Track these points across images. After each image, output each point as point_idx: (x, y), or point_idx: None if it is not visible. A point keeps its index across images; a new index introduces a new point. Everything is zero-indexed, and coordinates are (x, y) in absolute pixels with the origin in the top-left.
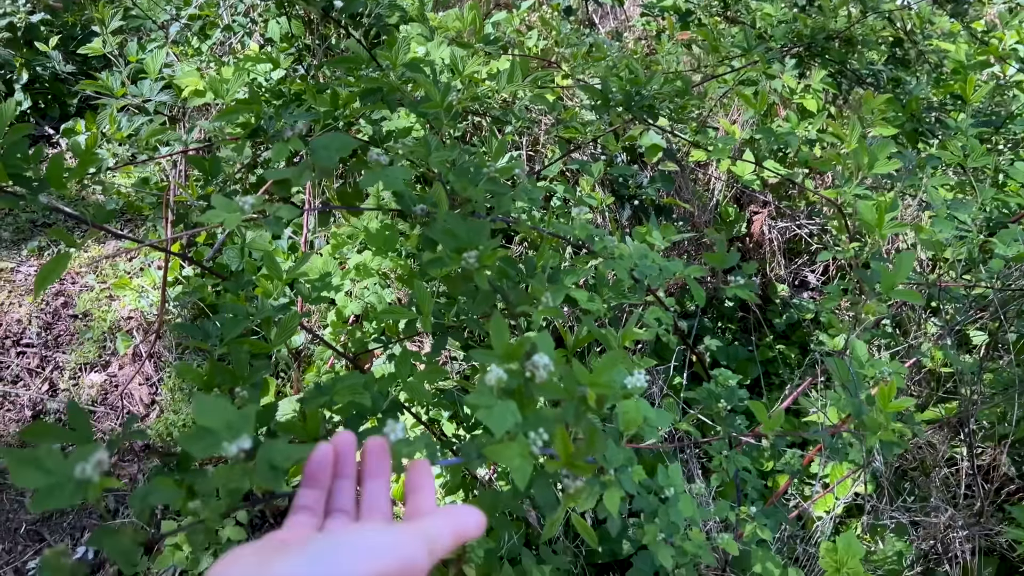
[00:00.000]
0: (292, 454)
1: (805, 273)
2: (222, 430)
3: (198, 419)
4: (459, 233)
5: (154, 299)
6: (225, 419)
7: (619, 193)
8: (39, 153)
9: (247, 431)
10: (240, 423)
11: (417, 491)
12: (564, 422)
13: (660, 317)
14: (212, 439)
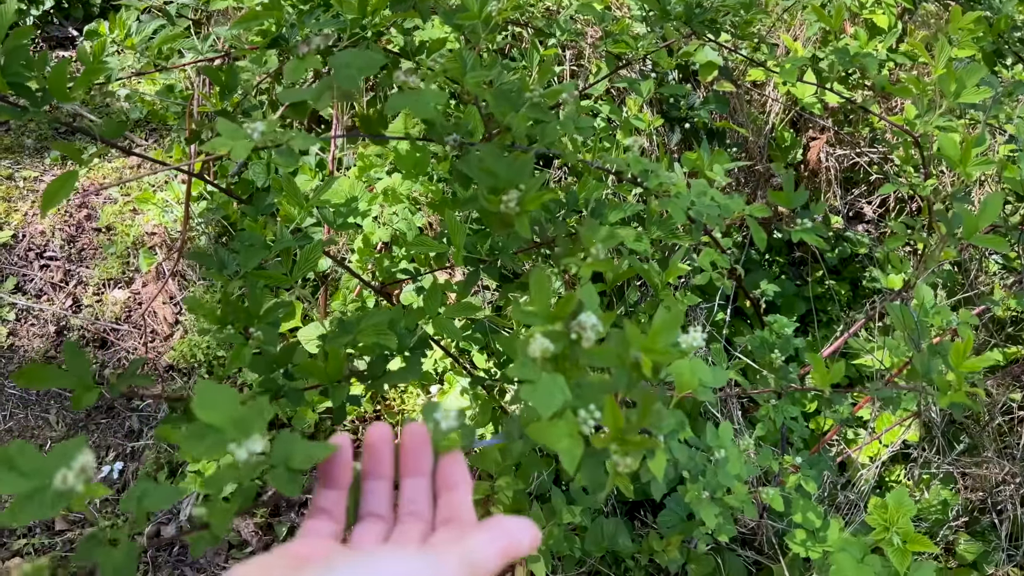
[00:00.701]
0: (314, 454)
1: (861, 205)
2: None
3: (198, 412)
4: (497, 170)
5: (178, 214)
6: (232, 414)
7: (669, 115)
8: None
9: (258, 429)
10: (251, 419)
11: (451, 489)
12: (614, 392)
13: (716, 260)
14: (215, 439)
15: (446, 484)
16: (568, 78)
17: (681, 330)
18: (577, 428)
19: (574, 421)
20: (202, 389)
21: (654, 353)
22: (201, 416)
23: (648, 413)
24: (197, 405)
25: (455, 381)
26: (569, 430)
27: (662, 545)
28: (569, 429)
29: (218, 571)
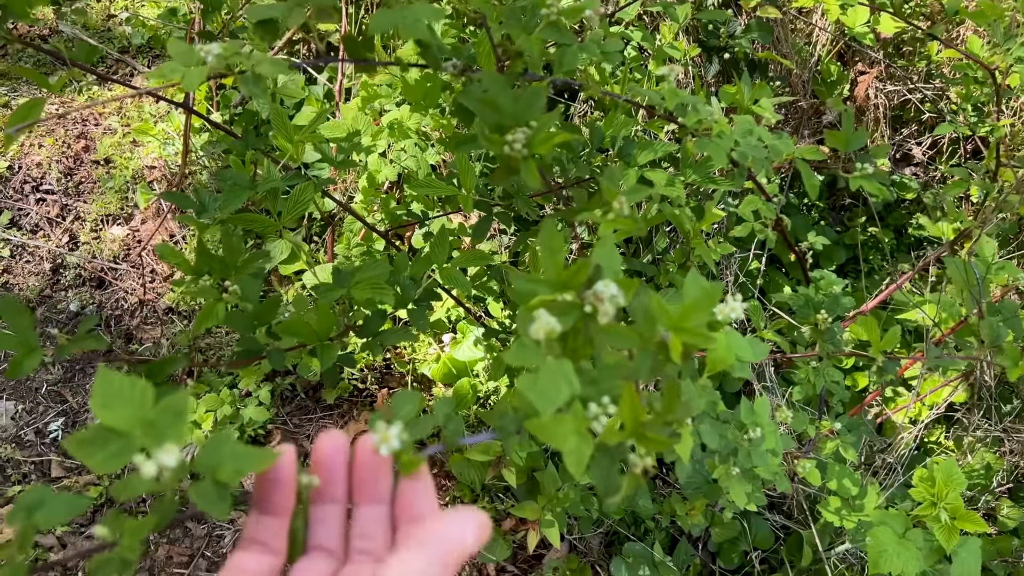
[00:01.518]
0: (247, 463)
1: (910, 146)
2: (135, 432)
3: (98, 411)
4: (503, 104)
5: (178, 148)
6: (140, 414)
7: (707, 44)
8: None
9: (174, 435)
10: (165, 422)
11: (413, 522)
12: (634, 379)
13: (760, 208)
14: (119, 446)
15: (408, 515)
16: None
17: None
18: (586, 424)
19: (583, 416)
20: (104, 380)
21: (686, 333)
22: (101, 416)
23: (676, 404)
24: (96, 402)
25: (468, 330)
26: (576, 426)
27: (685, 508)
28: (576, 425)
29: (219, 522)
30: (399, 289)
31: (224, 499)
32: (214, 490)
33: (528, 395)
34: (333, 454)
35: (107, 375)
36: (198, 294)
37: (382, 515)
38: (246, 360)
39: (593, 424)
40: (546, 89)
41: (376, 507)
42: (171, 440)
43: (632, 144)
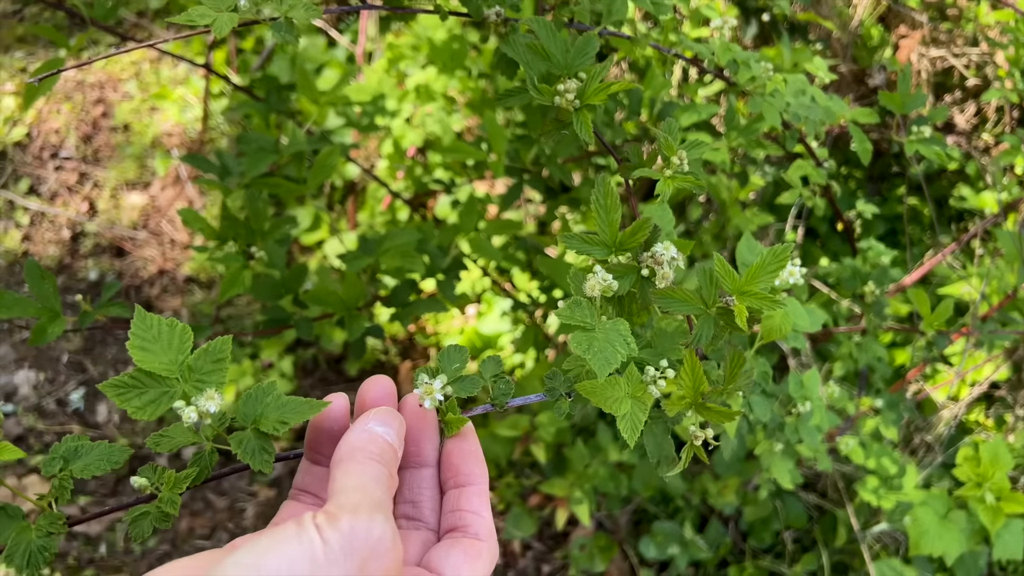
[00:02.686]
0: (291, 413)
1: (952, 114)
2: (174, 377)
3: (135, 355)
4: (552, 51)
5: (197, 113)
6: (179, 358)
7: (745, 4)
8: None
9: (215, 379)
10: (204, 367)
11: (461, 486)
12: (696, 345)
13: (809, 175)
14: (158, 393)
15: (455, 479)
16: None
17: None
18: (643, 389)
19: (639, 380)
20: (141, 322)
21: (751, 297)
22: (139, 360)
23: (738, 373)
24: (134, 344)
25: (494, 302)
26: (632, 390)
27: (718, 487)
28: (632, 389)
29: (241, 495)
30: (427, 258)
31: (267, 451)
32: (256, 442)
33: (583, 354)
34: (380, 400)
35: (145, 317)
36: (223, 261)
37: (428, 479)
38: (273, 330)
39: (649, 388)
40: (596, 38)
41: (422, 471)
42: (213, 386)
43: (673, 106)
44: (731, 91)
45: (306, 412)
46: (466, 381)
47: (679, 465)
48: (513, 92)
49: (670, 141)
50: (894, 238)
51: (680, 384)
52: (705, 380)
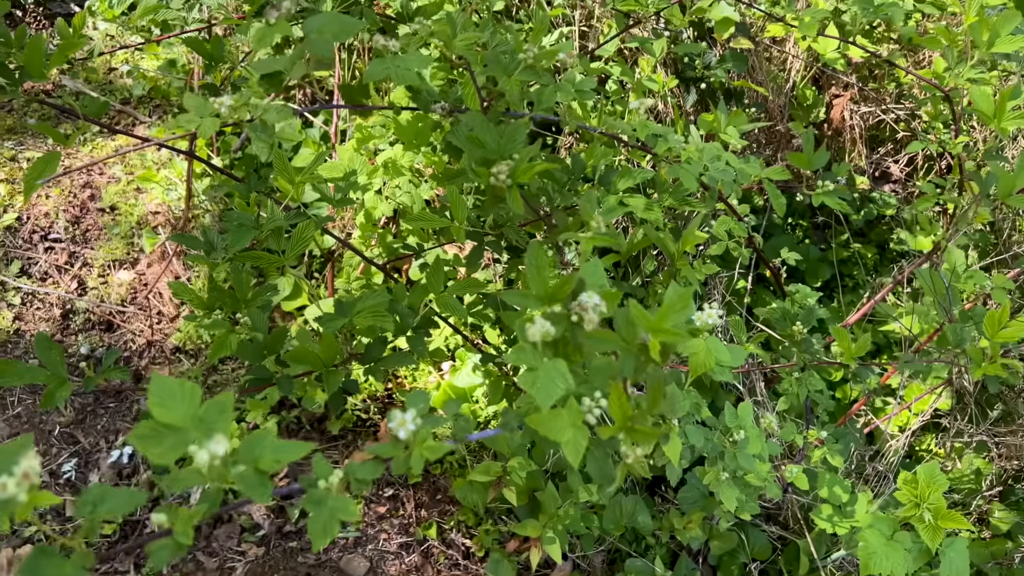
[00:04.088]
0: (284, 453)
1: (888, 164)
2: (188, 427)
3: (154, 410)
4: (486, 140)
5: (181, 193)
6: (191, 411)
7: (684, 75)
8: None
9: (222, 427)
10: (213, 417)
11: None
12: (621, 377)
13: (732, 228)
14: (175, 440)
15: None
16: (578, 39)
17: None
18: (581, 417)
19: (578, 410)
20: (158, 384)
21: (663, 334)
22: (158, 415)
23: (659, 400)
24: (152, 401)
25: (467, 357)
26: (572, 420)
27: (683, 522)
28: (572, 419)
29: (231, 555)
30: (398, 318)
31: (265, 484)
32: (256, 477)
33: (528, 390)
34: None
35: (160, 379)
36: (211, 327)
37: None
38: (257, 387)
39: (587, 416)
40: (527, 125)
41: None
42: (220, 431)
43: (613, 172)
44: (655, 160)
45: (296, 452)
46: (432, 417)
47: (616, 482)
48: (458, 173)
49: (588, 209)
50: (841, 281)
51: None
52: (630, 407)
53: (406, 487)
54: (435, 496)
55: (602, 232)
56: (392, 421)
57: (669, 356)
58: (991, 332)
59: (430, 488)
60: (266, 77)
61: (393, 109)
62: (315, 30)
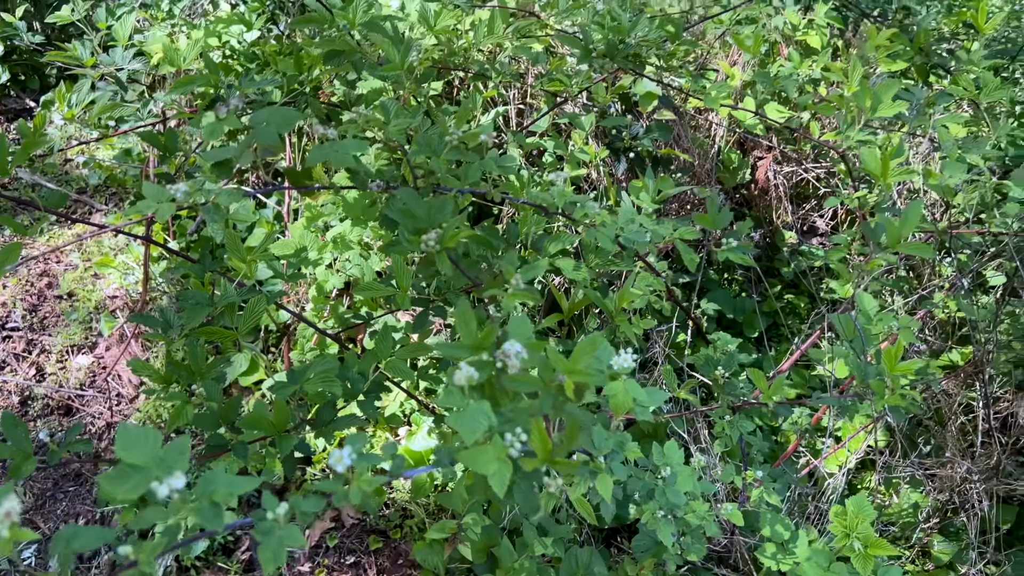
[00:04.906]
0: (236, 487)
1: (814, 219)
2: (150, 467)
3: (121, 453)
4: (417, 213)
5: (139, 276)
6: (153, 454)
7: (613, 146)
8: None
9: (180, 466)
10: (172, 458)
11: None
12: (542, 415)
13: (652, 283)
14: (139, 478)
15: None
16: (514, 116)
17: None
18: (505, 452)
19: (502, 445)
20: (124, 432)
21: (577, 374)
22: (124, 457)
23: (575, 434)
24: (119, 447)
25: (422, 421)
26: (497, 454)
27: (635, 570)
28: (497, 453)
29: None
30: (349, 383)
31: (219, 515)
32: (211, 509)
33: (455, 428)
34: None
35: (126, 428)
36: (169, 399)
37: None
38: (214, 454)
39: (511, 451)
40: (454, 198)
41: None
42: (179, 469)
43: (544, 237)
44: (575, 225)
45: (247, 485)
46: (369, 455)
47: (541, 511)
48: (394, 243)
49: (509, 269)
50: (777, 330)
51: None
52: (549, 441)
53: (367, 554)
54: (396, 561)
55: (521, 289)
56: (331, 458)
57: (583, 395)
58: (890, 367)
59: (391, 553)
60: (217, 164)
61: (334, 189)
62: (262, 122)
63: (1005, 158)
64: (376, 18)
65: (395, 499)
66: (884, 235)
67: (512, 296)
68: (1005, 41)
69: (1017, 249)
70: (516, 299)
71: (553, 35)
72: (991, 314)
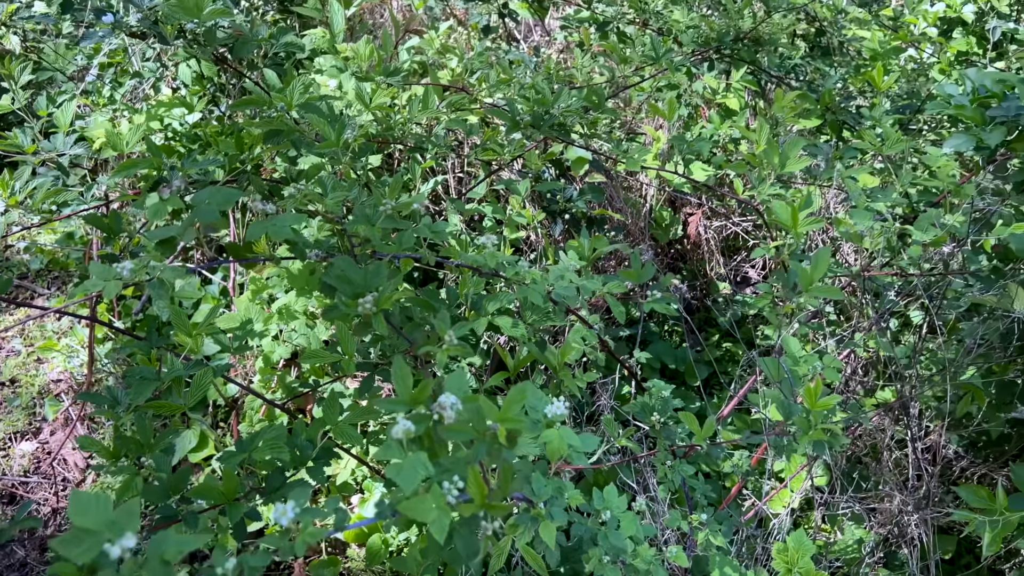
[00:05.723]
0: (186, 545)
1: (746, 269)
2: (102, 530)
3: (74, 519)
4: (353, 278)
5: (84, 359)
6: (105, 517)
7: (549, 208)
8: None
9: (131, 528)
10: (123, 520)
11: None
12: (478, 463)
13: (585, 336)
14: (92, 541)
15: None
16: (453, 184)
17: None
18: (444, 499)
19: (440, 494)
20: (75, 498)
21: (508, 422)
22: (76, 521)
23: (509, 478)
24: (72, 512)
25: (374, 488)
26: (436, 502)
27: None
28: (436, 501)
29: None
30: (298, 451)
31: (169, 573)
32: (161, 568)
33: (394, 479)
34: None
35: (78, 494)
36: (118, 472)
37: None
38: (164, 524)
39: (448, 498)
40: (390, 263)
41: None
42: (130, 530)
43: (482, 297)
44: (507, 284)
45: (197, 542)
46: (312, 510)
47: (481, 554)
48: (333, 307)
49: (442, 326)
50: (718, 378)
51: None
52: (485, 487)
53: None
54: None
55: (454, 344)
56: (275, 512)
57: (516, 441)
58: (810, 404)
59: None
60: (161, 243)
61: (273, 260)
62: (203, 201)
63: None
64: (312, 99)
65: (351, 568)
66: (797, 281)
67: (446, 351)
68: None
69: (926, 287)
70: (452, 353)
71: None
72: (909, 352)
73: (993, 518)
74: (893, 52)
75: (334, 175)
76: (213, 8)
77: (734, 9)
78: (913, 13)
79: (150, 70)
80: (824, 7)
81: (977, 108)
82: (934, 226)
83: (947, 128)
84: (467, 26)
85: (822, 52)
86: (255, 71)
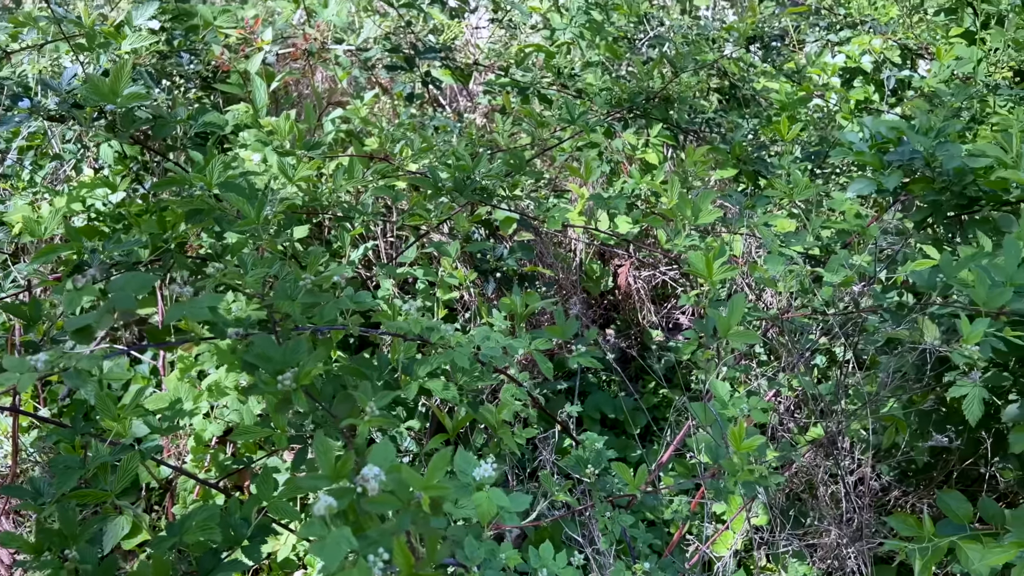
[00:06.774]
0: None
1: (677, 315)
2: None
3: None
4: (272, 355)
5: (8, 449)
6: None
7: (481, 268)
8: None
9: None
10: None
11: None
12: (402, 532)
13: (515, 393)
14: None
15: None
16: (384, 249)
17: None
18: (370, 572)
19: (366, 567)
20: None
21: (431, 489)
22: None
23: (435, 546)
24: None
25: (316, 563)
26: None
27: None
28: (362, 574)
29: None
30: (232, 531)
31: None
32: None
33: (318, 556)
34: None
35: None
36: (42, 567)
37: None
38: None
39: (374, 570)
40: (305, 340)
41: None
42: None
43: (415, 361)
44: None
45: None
46: None
47: None
48: (253, 386)
49: (363, 397)
50: (657, 424)
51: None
52: (411, 557)
53: None
54: None
55: (376, 415)
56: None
57: (440, 508)
58: (736, 445)
59: None
60: (78, 331)
61: (193, 340)
62: (119, 287)
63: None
64: (233, 176)
65: None
66: (715, 327)
67: (367, 423)
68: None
69: (842, 326)
70: (372, 424)
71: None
72: (831, 389)
73: (922, 545)
74: (800, 102)
75: (255, 252)
76: (131, 91)
77: (643, 72)
78: (815, 66)
79: (70, 151)
80: (733, 63)
81: (875, 154)
82: (843, 267)
83: (855, 172)
84: (392, 94)
85: (736, 104)
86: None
